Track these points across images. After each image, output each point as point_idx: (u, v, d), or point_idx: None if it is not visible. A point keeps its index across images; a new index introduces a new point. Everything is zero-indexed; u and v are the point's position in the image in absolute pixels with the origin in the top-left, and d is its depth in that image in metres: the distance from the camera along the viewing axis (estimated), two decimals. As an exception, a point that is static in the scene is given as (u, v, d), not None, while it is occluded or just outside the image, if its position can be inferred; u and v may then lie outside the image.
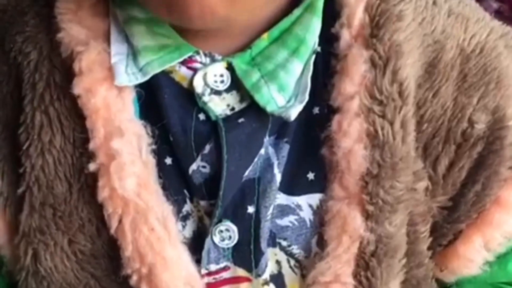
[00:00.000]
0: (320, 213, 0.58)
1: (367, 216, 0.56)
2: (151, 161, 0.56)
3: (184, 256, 0.57)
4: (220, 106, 0.56)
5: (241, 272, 0.58)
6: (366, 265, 0.57)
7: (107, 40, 0.56)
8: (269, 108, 0.54)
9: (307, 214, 0.58)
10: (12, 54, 0.58)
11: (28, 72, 0.57)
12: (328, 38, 0.57)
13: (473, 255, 0.62)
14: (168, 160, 0.57)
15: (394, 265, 0.58)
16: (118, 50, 0.56)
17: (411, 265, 0.60)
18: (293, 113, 0.54)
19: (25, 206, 0.57)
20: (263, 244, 0.57)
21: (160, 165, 0.57)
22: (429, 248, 0.61)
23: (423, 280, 0.61)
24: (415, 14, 0.58)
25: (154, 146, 0.56)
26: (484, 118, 0.59)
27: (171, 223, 0.56)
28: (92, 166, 0.56)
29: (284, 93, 0.55)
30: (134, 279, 0.56)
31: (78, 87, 0.55)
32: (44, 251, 0.57)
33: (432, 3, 0.59)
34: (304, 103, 0.55)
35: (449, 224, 0.61)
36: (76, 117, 0.56)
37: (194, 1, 0.49)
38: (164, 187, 0.57)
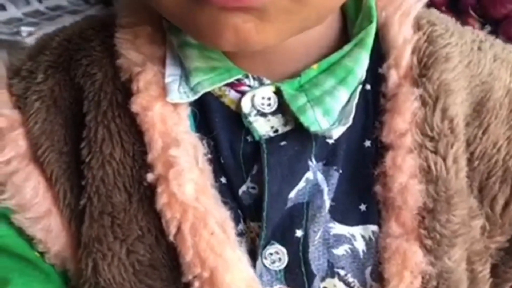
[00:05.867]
0: (374, 246, 0.59)
1: (426, 251, 0.57)
2: (207, 168, 0.58)
3: (244, 258, 0.57)
4: (264, 127, 0.58)
5: None
6: None
7: (163, 64, 0.59)
8: (313, 128, 0.56)
9: (360, 245, 0.59)
10: (76, 79, 0.61)
11: (92, 91, 0.59)
12: (376, 77, 0.60)
13: None
14: (223, 180, 0.59)
15: None
16: (172, 72, 0.59)
17: None
18: (335, 133, 0.57)
19: (86, 218, 0.58)
20: (314, 267, 0.58)
21: (217, 183, 0.58)
22: None
23: None
24: (461, 57, 0.60)
25: (210, 156, 0.58)
26: None
27: (229, 227, 0.57)
28: (150, 177, 0.57)
29: (328, 117, 0.57)
30: (196, 285, 0.56)
31: (135, 104, 0.58)
32: (101, 261, 0.58)
33: (477, 48, 0.61)
34: (347, 126, 0.56)
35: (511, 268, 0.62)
36: (135, 133, 0.58)
37: (229, 29, 0.51)
38: (220, 193, 0.58)
